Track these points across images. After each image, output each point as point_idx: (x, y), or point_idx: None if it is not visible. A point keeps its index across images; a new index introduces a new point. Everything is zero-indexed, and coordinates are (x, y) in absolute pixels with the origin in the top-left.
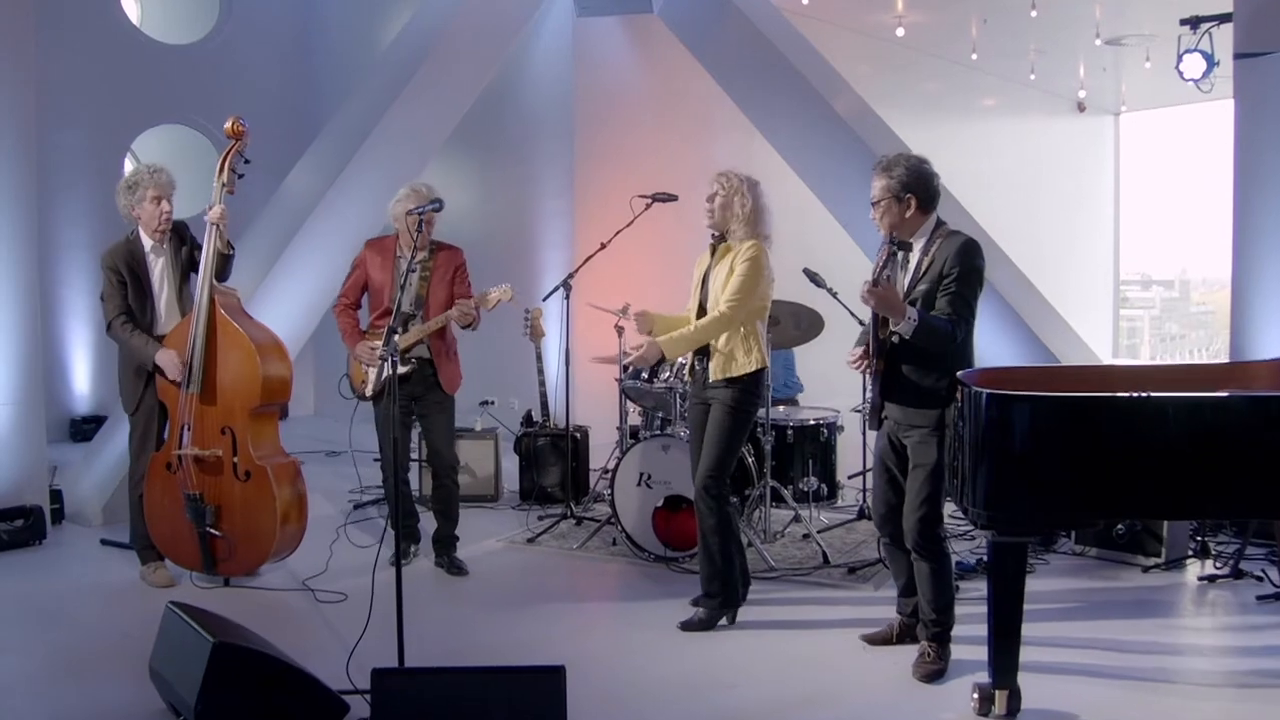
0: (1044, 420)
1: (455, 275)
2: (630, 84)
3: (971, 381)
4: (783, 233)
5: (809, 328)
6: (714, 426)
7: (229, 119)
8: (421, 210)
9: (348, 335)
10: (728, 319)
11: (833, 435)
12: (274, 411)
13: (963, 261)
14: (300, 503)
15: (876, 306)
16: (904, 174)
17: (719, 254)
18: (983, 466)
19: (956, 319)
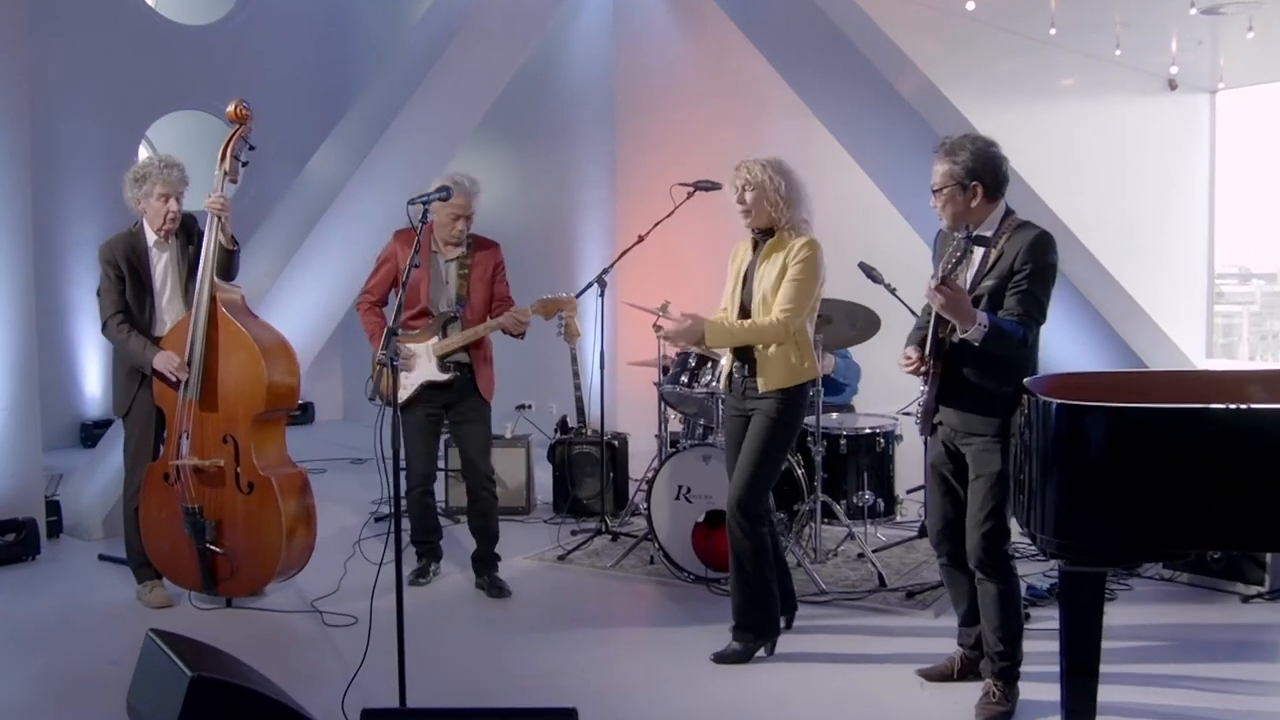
0: (1124, 435)
1: (495, 274)
2: (676, 64)
3: (1040, 389)
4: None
5: (864, 327)
6: (755, 439)
7: (232, 101)
8: (426, 199)
9: (375, 336)
10: (783, 328)
11: (890, 445)
12: (279, 418)
13: (1035, 257)
14: (308, 517)
15: (943, 309)
16: (969, 158)
17: (767, 250)
18: (1051, 487)
19: (1027, 320)
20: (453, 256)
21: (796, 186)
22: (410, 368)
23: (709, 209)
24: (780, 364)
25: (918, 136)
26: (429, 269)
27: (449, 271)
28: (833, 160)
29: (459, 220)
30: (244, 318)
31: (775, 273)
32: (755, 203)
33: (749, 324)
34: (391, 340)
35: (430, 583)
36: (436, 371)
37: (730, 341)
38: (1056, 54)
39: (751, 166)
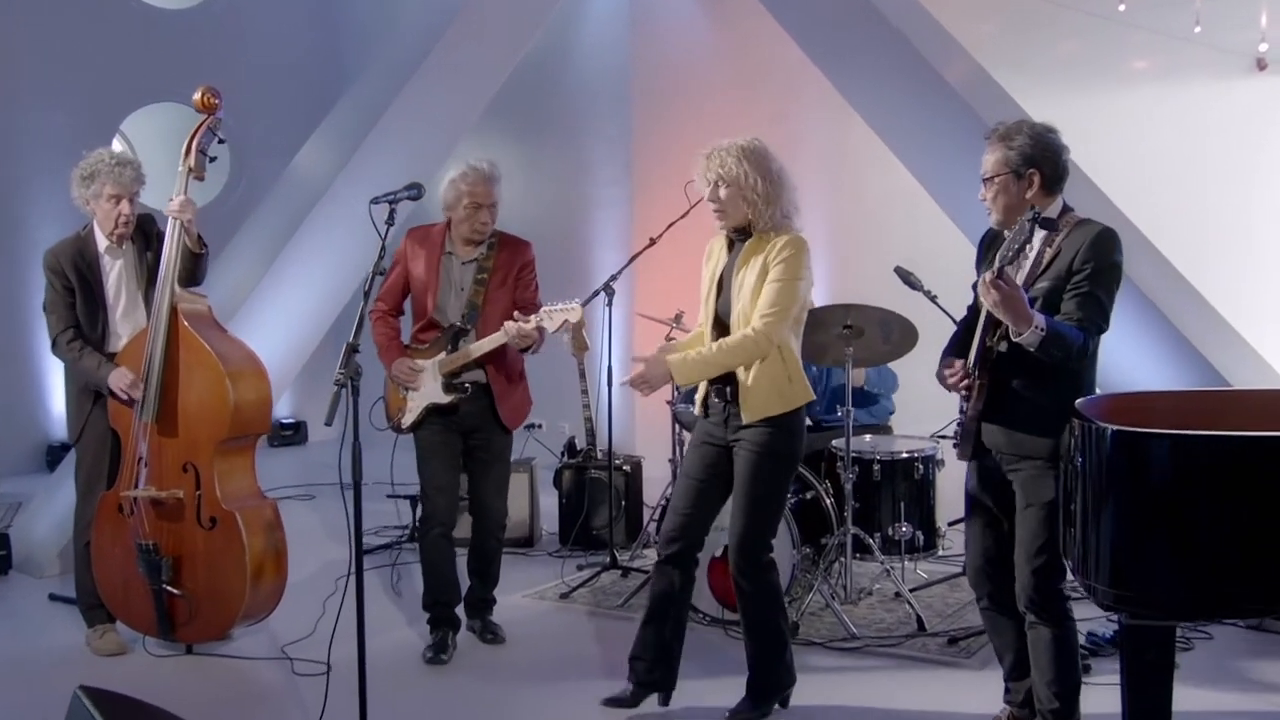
0: (1193, 468)
1: (520, 277)
2: (697, 52)
3: (1094, 412)
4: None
5: (900, 340)
6: (747, 479)
7: (199, 89)
8: (392, 198)
9: (383, 350)
10: (765, 339)
11: (931, 471)
12: (248, 445)
13: (1098, 255)
14: (278, 556)
15: (997, 306)
16: (1026, 144)
17: (745, 252)
18: (1106, 529)
19: (1088, 326)
20: (470, 258)
21: (778, 177)
22: (417, 387)
23: None
24: (767, 387)
25: (966, 128)
26: (437, 273)
27: (465, 276)
28: (872, 155)
29: (480, 211)
30: (208, 331)
31: (755, 278)
32: (730, 201)
33: (723, 345)
34: (352, 358)
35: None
36: (440, 393)
37: (705, 373)
38: (1127, 33)
39: (724, 158)
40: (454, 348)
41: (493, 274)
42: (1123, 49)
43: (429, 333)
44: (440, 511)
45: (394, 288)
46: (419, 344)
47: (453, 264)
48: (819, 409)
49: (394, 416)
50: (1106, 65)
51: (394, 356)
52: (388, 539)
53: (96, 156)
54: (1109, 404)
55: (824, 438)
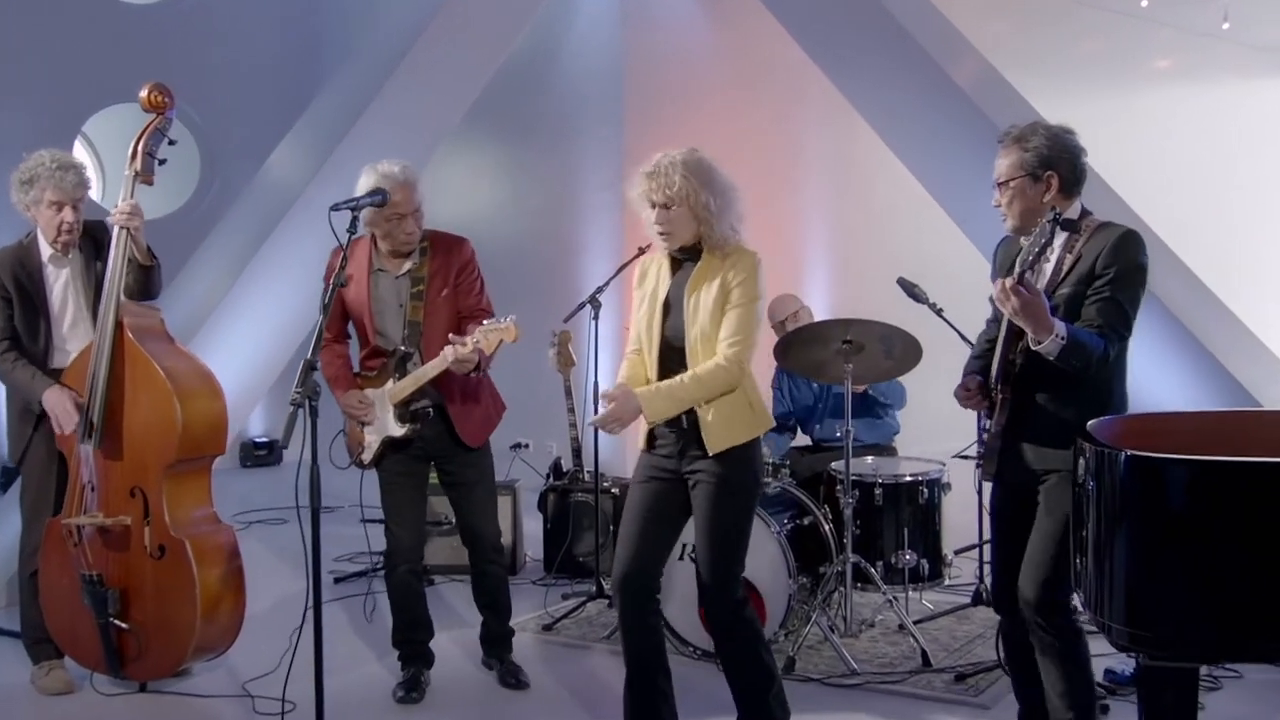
0: (1216, 496)
1: (459, 281)
2: (693, 51)
3: (1107, 435)
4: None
5: (904, 356)
6: (717, 516)
7: (145, 86)
8: (354, 204)
9: (333, 382)
10: (736, 370)
11: (936, 495)
12: (201, 468)
13: (1120, 258)
14: (234, 586)
15: (1018, 315)
16: (1043, 145)
17: (699, 272)
18: (1121, 562)
19: (1109, 333)
20: (402, 271)
21: (724, 189)
22: (369, 420)
23: None
24: (730, 416)
25: (975, 132)
26: (369, 294)
27: (400, 292)
28: (876, 161)
29: (404, 221)
30: (156, 345)
31: (715, 298)
32: (679, 221)
33: (695, 377)
34: (309, 376)
35: (422, 698)
36: (394, 425)
37: (677, 407)
38: (1149, 30)
39: (670, 175)
40: (402, 374)
41: (429, 285)
42: (1145, 47)
43: (376, 359)
44: (404, 548)
45: (333, 313)
46: (368, 371)
47: (384, 281)
48: (818, 428)
49: (354, 452)
50: (1127, 64)
51: (343, 388)
52: (362, 566)
53: (36, 159)
54: (1123, 425)
55: (823, 459)
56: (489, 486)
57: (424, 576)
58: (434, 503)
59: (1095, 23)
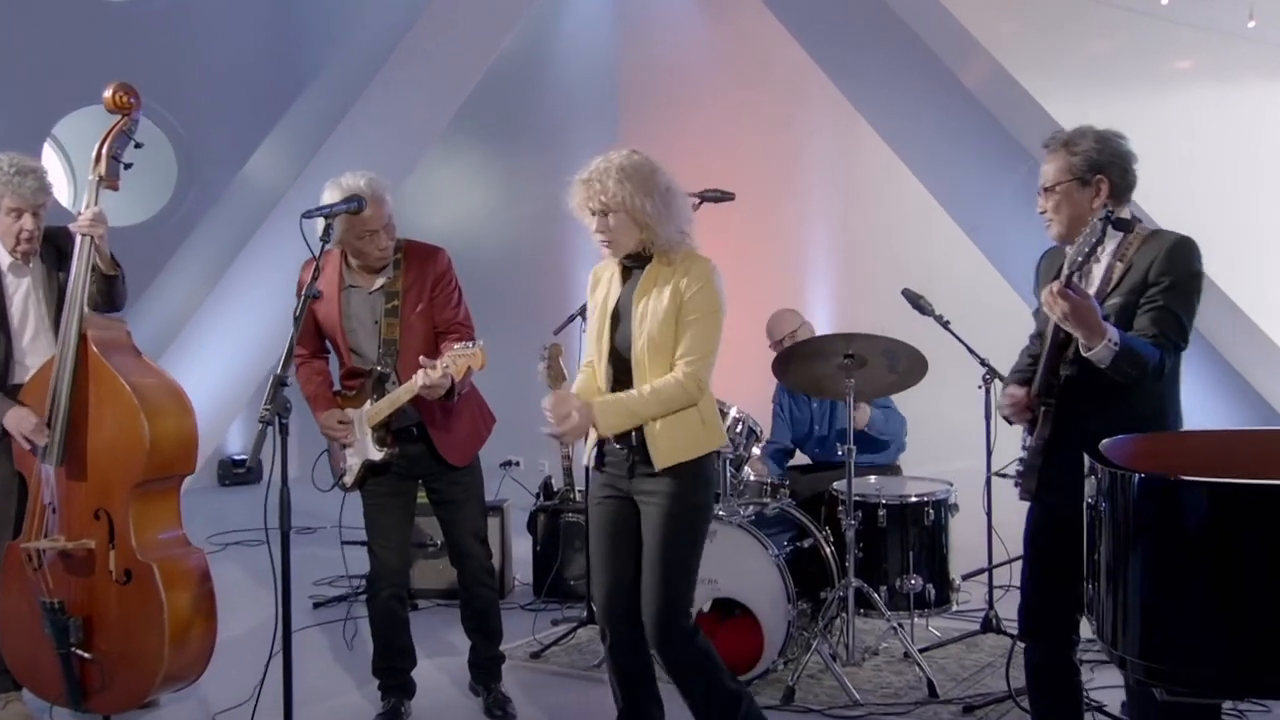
0: (1237, 521)
1: (434, 294)
2: (690, 52)
3: (1119, 455)
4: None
5: (908, 370)
6: (663, 540)
7: (110, 86)
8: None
9: (311, 401)
10: (694, 388)
11: (943, 516)
12: (169, 488)
13: (1175, 266)
14: (205, 612)
15: (1067, 319)
16: (1092, 148)
17: (647, 279)
18: (1134, 591)
19: (1165, 343)
20: (375, 286)
21: (667, 193)
22: (349, 442)
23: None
24: (678, 430)
25: (985, 137)
26: (341, 312)
27: (374, 308)
28: (881, 166)
29: (375, 237)
30: (122, 359)
31: (666, 306)
32: (621, 228)
33: (655, 391)
34: (279, 392)
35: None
36: (372, 449)
37: (630, 422)
38: (1169, 29)
39: (605, 181)
40: (379, 395)
41: (404, 300)
42: (1165, 47)
43: (353, 378)
44: (388, 571)
45: (306, 329)
46: (348, 390)
47: (356, 297)
48: (817, 449)
49: (337, 474)
50: (1146, 65)
51: (321, 408)
52: (342, 589)
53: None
54: (1137, 445)
55: (824, 479)
56: (478, 504)
57: (409, 601)
58: (421, 523)
59: (1112, 21)
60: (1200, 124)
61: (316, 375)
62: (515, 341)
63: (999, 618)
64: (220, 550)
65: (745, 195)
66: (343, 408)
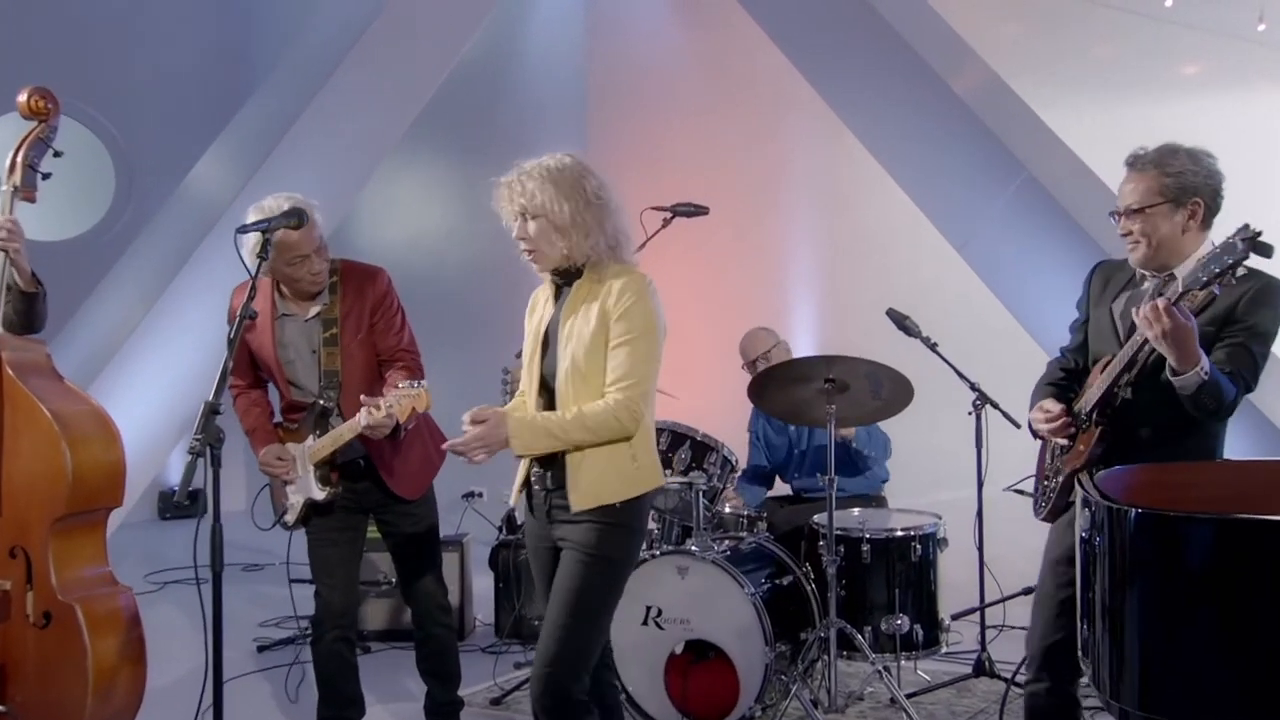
0: (1244, 561)
1: (374, 320)
2: (664, 58)
3: (1116, 488)
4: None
5: (893, 396)
6: (571, 590)
7: (24, 90)
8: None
9: (250, 435)
10: (628, 418)
11: (931, 551)
12: (95, 522)
13: (1265, 308)
14: (133, 657)
15: (1164, 339)
16: (1189, 169)
17: (574, 297)
18: (1131, 634)
19: (1239, 381)
20: (311, 314)
21: (597, 200)
22: (291, 479)
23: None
24: (603, 466)
25: (978, 147)
26: (274, 343)
27: (311, 337)
28: (867, 179)
29: (307, 261)
30: (42, 383)
31: (591, 329)
32: (541, 237)
33: (574, 415)
34: (211, 421)
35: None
36: (315, 488)
37: (549, 445)
38: (1175, 33)
39: (525, 184)
40: (321, 430)
41: (343, 327)
42: (1170, 51)
43: (294, 412)
44: (334, 611)
45: (240, 359)
46: (289, 424)
47: (291, 326)
48: (796, 476)
49: (279, 512)
50: (1151, 70)
51: (261, 443)
52: (290, 631)
53: None
54: (1136, 476)
55: (803, 511)
56: (430, 536)
57: (357, 644)
58: (372, 559)
59: (1114, 25)
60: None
61: (255, 407)
62: (478, 364)
63: (992, 660)
64: (157, 590)
65: (722, 210)
66: (284, 442)
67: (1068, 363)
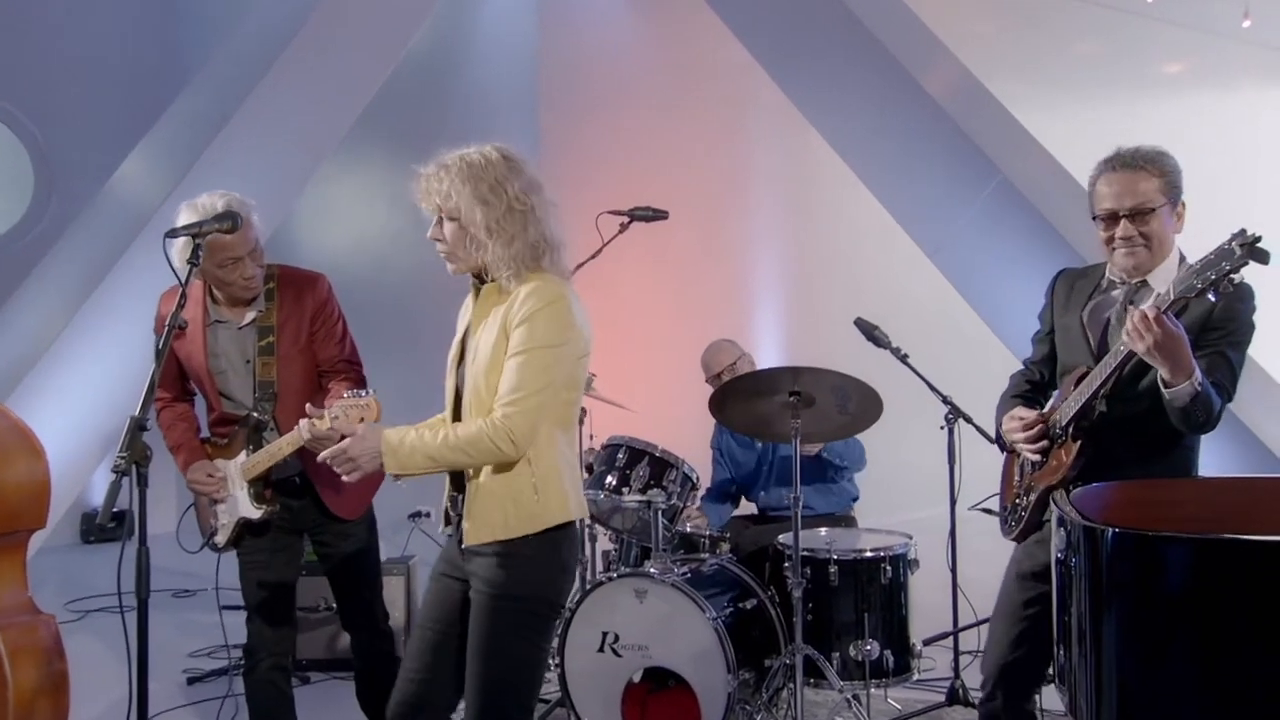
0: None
1: (314, 329)
2: (621, 50)
3: (1093, 505)
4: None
5: (861, 410)
6: (483, 636)
7: None
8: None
9: (175, 452)
10: (504, 439)
11: (902, 572)
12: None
13: (1240, 313)
14: (54, 689)
15: (1154, 351)
16: (1177, 168)
17: (483, 303)
18: (1110, 660)
19: (1222, 391)
20: (246, 321)
21: (519, 202)
22: (221, 497)
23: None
24: (500, 496)
25: (950, 148)
26: (205, 352)
27: (245, 346)
28: (835, 182)
29: (239, 264)
30: None
31: (493, 340)
32: (455, 240)
33: (450, 438)
34: (137, 438)
35: None
36: (249, 506)
37: (427, 464)
38: (1157, 29)
39: (443, 181)
40: (255, 445)
41: (280, 335)
42: (1152, 49)
43: (224, 426)
44: (268, 639)
45: (168, 370)
46: (218, 438)
47: (224, 334)
48: (762, 495)
49: (206, 533)
50: (1131, 68)
51: (189, 459)
52: (222, 661)
53: None
54: (1115, 494)
55: (768, 531)
56: (370, 556)
57: (294, 674)
58: (312, 584)
59: (1095, 21)
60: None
61: (181, 422)
62: (426, 374)
63: (966, 687)
64: (79, 619)
65: (682, 214)
66: (212, 458)
67: (1032, 375)
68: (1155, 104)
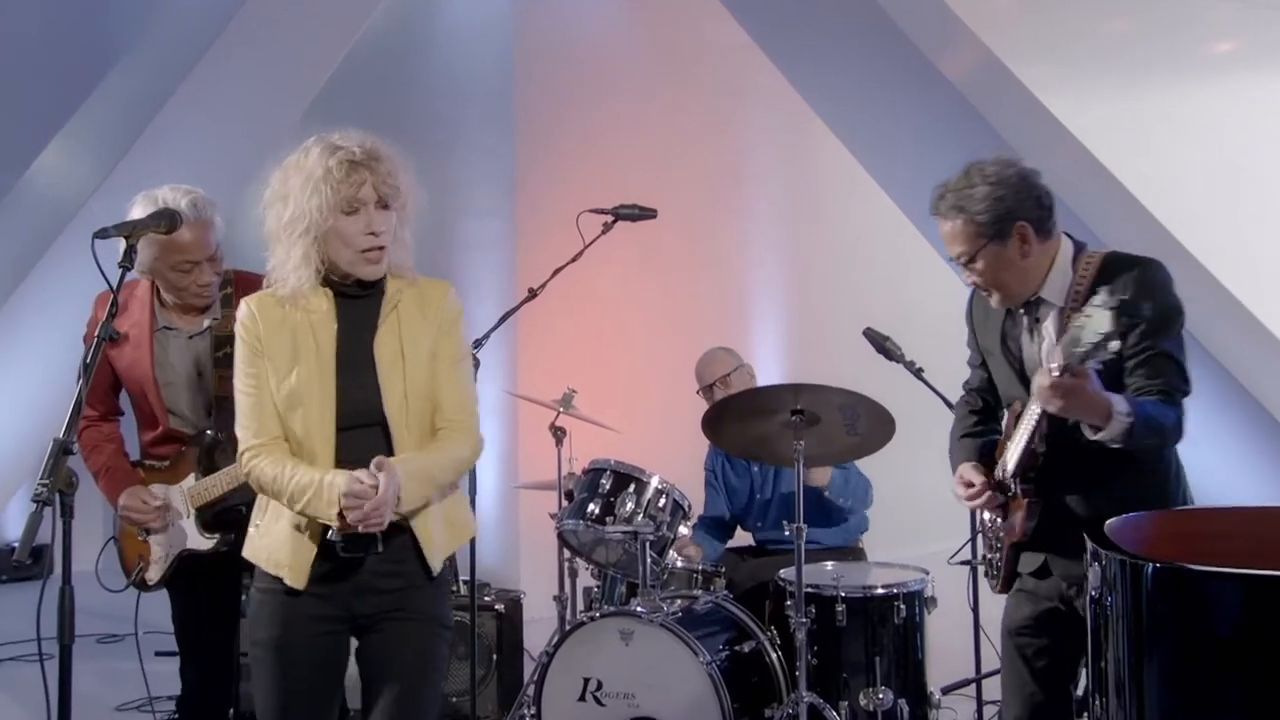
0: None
1: None
2: (607, 33)
3: (1130, 538)
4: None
5: (871, 431)
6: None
7: None
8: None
9: (103, 477)
10: (478, 447)
11: (917, 612)
12: None
13: (1155, 298)
14: None
15: (1069, 411)
16: (992, 197)
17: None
18: (1153, 705)
19: (1174, 394)
20: (199, 329)
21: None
22: (159, 527)
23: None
24: (460, 511)
25: (969, 139)
26: (152, 361)
27: (198, 355)
28: (842, 175)
29: (197, 269)
30: None
31: (427, 347)
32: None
33: (441, 451)
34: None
35: None
36: (197, 535)
37: (426, 493)
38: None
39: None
40: (209, 467)
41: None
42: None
43: (169, 445)
44: (205, 691)
45: (100, 382)
46: (154, 461)
47: (174, 343)
48: (759, 525)
49: (132, 568)
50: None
51: (120, 485)
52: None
53: None
54: (1153, 525)
55: (768, 566)
56: None
57: None
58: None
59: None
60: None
61: (108, 443)
62: None
63: None
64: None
65: (672, 212)
66: (146, 483)
67: (975, 403)
68: (1199, 88)
